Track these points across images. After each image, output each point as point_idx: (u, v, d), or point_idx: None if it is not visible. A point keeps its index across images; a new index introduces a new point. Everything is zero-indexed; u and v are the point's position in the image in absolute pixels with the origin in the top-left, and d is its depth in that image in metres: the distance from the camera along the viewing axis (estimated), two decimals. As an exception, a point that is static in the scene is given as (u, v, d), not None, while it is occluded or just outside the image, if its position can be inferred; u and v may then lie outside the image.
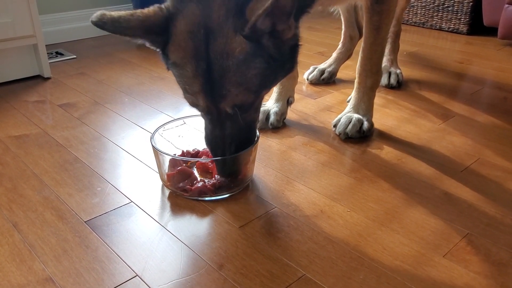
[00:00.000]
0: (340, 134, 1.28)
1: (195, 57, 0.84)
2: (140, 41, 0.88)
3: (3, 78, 1.72)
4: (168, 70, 0.93)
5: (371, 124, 1.29)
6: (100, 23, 0.82)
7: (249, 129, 0.98)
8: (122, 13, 0.83)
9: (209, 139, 0.97)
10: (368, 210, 0.98)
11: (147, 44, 0.89)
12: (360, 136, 1.27)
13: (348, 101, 1.41)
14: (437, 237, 0.89)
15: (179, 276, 0.80)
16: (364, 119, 1.28)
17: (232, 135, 0.95)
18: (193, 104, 0.93)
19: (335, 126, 1.31)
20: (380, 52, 1.28)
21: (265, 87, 0.92)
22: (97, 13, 0.82)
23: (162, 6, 0.87)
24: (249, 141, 1.00)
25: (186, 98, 0.93)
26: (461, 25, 2.36)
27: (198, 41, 0.83)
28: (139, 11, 0.85)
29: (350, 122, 1.27)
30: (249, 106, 0.92)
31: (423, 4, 2.46)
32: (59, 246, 0.87)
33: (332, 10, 1.65)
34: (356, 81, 1.32)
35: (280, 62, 0.88)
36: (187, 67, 0.86)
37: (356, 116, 1.28)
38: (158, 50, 0.90)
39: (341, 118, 1.30)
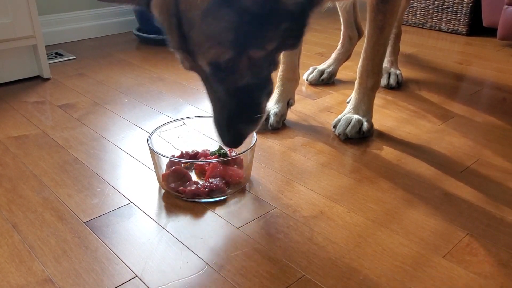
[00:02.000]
0: (339, 135, 1.28)
1: (168, 12, 0.81)
2: (130, 6, 0.90)
3: (3, 79, 1.72)
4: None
5: (370, 125, 1.29)
6: None
7: (246, 96, 0.88)
8: None
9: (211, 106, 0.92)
10: (367, 211, 0.98)
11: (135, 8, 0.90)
12: (359, 137, 1.27)
13: (348, 102, 1.41)
14: (436, 238, 0.89)
15: (178, 277, 0.80)
16: (364, 120, 1.28)
17: (224, 99, 0.87)
18: (181, 62, 0.89)
19: (334, 126, 1.31)
20: (382, 53, 1.28)
21: (249, 45, 0.82)
22: None
23: None
24: (249, 114, 0.90)
25: (176, 57, 0.90)
26: (461, 26, 2.36)
27: None
28: None
29: (349, 123, 1.27)
30: (229, 65, 0.83)
31: (423, 5, 2.47)
32: (59, 247, 0.87)
33: (338, 6, 1.64)
34: (356, 81, 1.32)
35: (264, 18, 0.80)
36: (164, 23, 0.83)
37: (356, 117, 1.28)
38: (149, 13, 0.89)
39: (340, 119, 1.30)
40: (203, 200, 1.00)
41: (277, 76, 1.40)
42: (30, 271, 0.82)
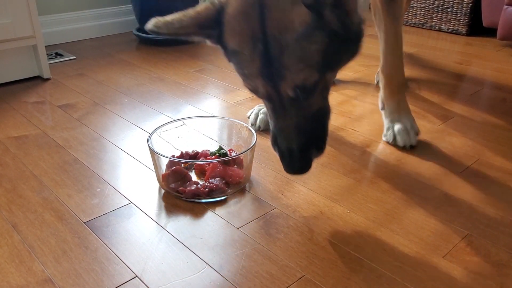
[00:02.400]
0: (404, 145, 1.24)
1: (252, 38, 0.79)
2: (196, 39, 0.87)
3: (3, 79, 1.72)
4: (229, 62, 0.88)
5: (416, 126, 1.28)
6: (155, 29, 0.84)
7: (318, 120, 0.89)
8: (174, 15, 0.84)
9: (274, 133, 0.90)
10: (367, 211, 0.98)
11: (208, 42, 0.88)
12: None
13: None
14: (436, 238, 0.89)
15: (178, 277, 0.80)
16: (411, 120, 1.28)
17: (299, 125, 0.86)
18: (253, 91, 0.87)
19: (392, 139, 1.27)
20: (401, 44, 1.28)
21: (329, 67, 0.84)
22: (151, 21, 0.84)
23: (214, 0, 0.85)
24: (319, 138, 0.91)
25: (245, 85, 0.88)
26: (461, 26, 2.36)
27: (253, 20, 0.79)
28: (191, 10, 0.84)
29: (404, 130, 1.25)
30: (313, 88, 0.84)
31: (423, 5, 2.47)
32: (59, 247, 0.87)
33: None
34: (383, 86, 1.28)
35: (345, 40, 0.81)
36: (244, 51, 0.81)
37: (406, 122, 1.27)
38: (217, 45, 0.88)
39: (396, 133, 1.26)
40: (203, 200, 1.00)
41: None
42: (30, 271, 0.82)
